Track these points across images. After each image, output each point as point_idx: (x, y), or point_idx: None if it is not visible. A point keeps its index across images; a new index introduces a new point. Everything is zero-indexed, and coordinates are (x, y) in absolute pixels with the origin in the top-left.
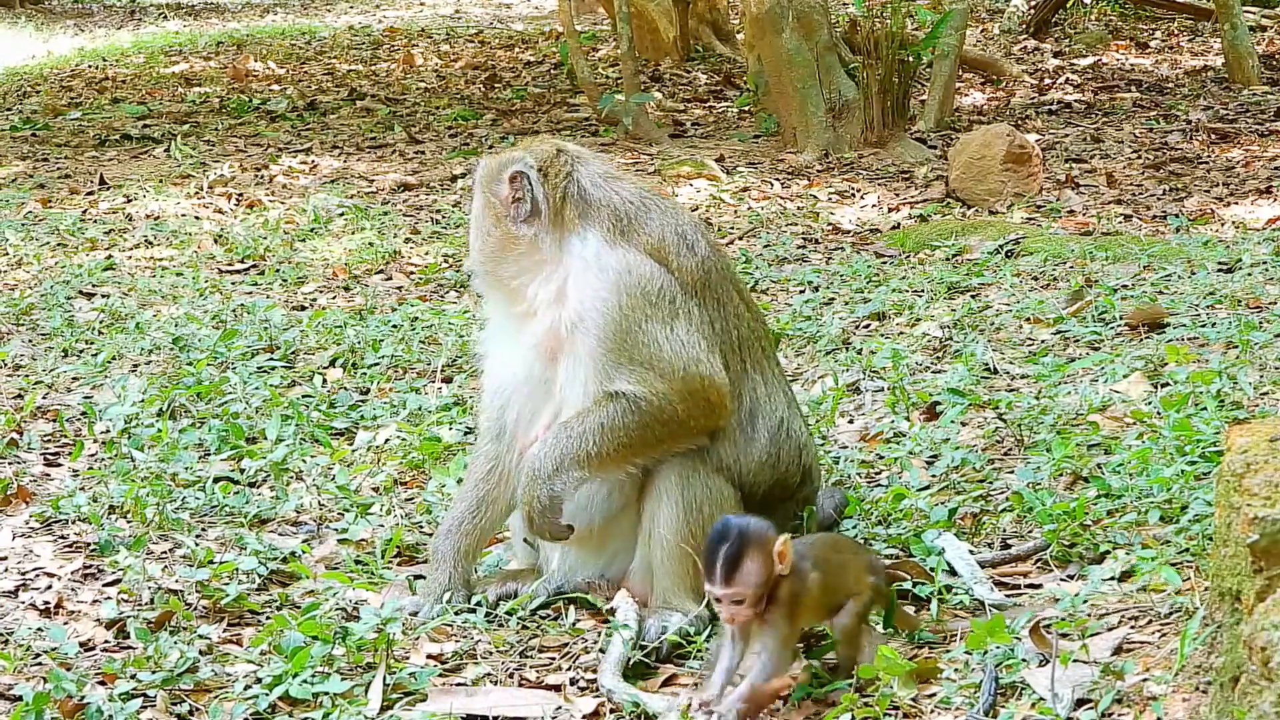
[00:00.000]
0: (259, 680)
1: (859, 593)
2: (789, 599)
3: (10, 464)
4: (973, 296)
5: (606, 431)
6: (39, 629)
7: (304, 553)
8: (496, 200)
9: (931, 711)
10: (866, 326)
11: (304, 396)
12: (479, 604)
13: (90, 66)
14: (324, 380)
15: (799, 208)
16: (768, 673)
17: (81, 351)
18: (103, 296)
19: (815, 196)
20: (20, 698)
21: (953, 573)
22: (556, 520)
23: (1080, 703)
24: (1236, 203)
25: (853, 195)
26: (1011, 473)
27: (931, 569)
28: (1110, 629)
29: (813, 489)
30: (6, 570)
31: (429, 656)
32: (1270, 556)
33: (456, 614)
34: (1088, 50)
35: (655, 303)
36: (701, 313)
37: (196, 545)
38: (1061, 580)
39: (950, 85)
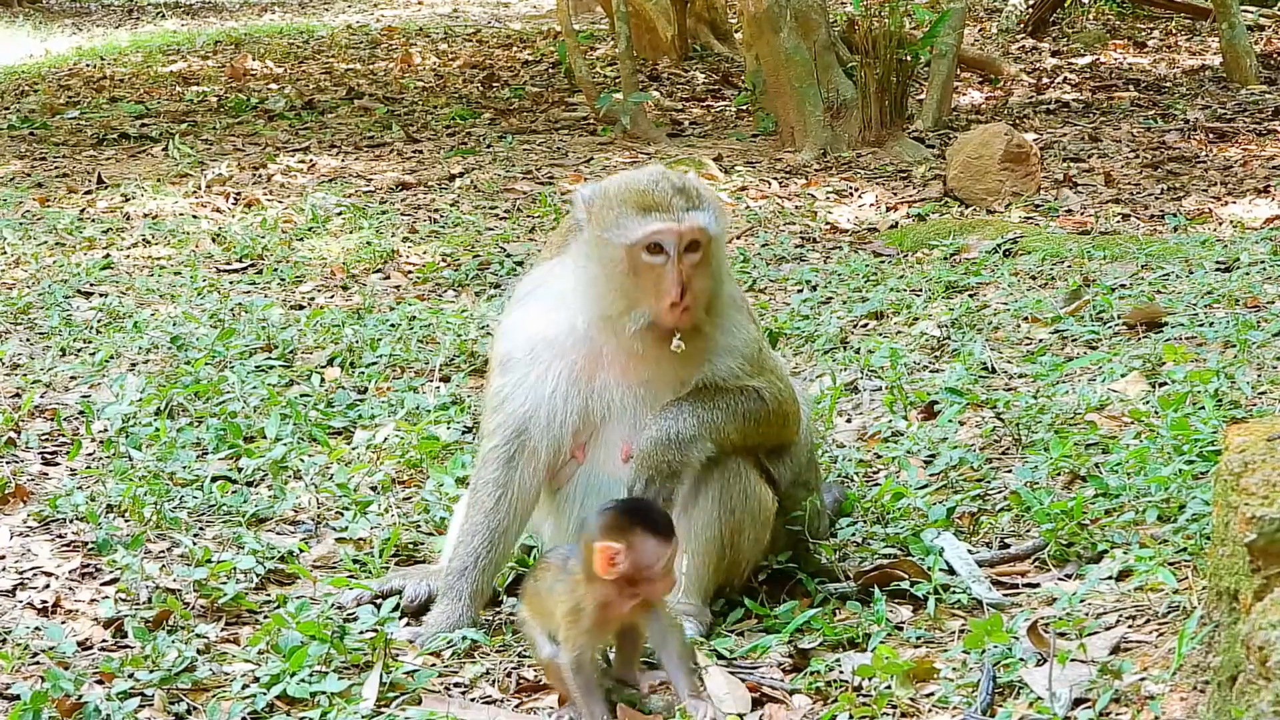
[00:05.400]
0: (257, 679)
1: None
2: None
3: (8, 463)
4: (970, 295)
5: (741, 415)
6: (37, 628)
7: (302, 551)
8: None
9: (929, 710)
10: (864, 325)
11: (302, 395)
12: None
13: (88, 65)
14: (322, 379)
15: (797, 207)
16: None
17: (79, 350)
18: (100, 295)
19: (813, 196)
20: (18, 697)
21: (951, 572)
22: (671, 490)
23: (1078, 702)
24: (1234, 202)
25: (850, 194)
26: (1009, 472)
27: (929, 568)
28: (1108, 628)
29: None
30: (4, 569)
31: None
32: (1268, 556)
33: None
34: (1086, 49)
35: (749, 311)
36: None
37: (194, 544)
38: (1059, 579)
39: (948, 84)
